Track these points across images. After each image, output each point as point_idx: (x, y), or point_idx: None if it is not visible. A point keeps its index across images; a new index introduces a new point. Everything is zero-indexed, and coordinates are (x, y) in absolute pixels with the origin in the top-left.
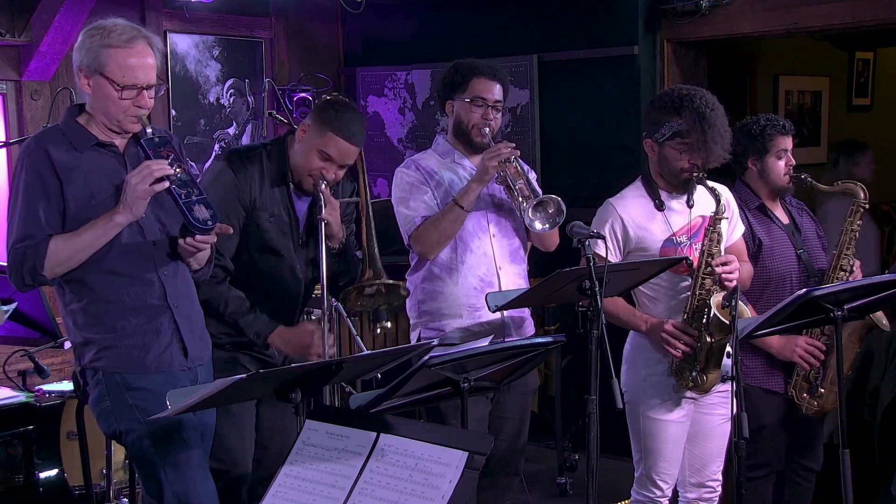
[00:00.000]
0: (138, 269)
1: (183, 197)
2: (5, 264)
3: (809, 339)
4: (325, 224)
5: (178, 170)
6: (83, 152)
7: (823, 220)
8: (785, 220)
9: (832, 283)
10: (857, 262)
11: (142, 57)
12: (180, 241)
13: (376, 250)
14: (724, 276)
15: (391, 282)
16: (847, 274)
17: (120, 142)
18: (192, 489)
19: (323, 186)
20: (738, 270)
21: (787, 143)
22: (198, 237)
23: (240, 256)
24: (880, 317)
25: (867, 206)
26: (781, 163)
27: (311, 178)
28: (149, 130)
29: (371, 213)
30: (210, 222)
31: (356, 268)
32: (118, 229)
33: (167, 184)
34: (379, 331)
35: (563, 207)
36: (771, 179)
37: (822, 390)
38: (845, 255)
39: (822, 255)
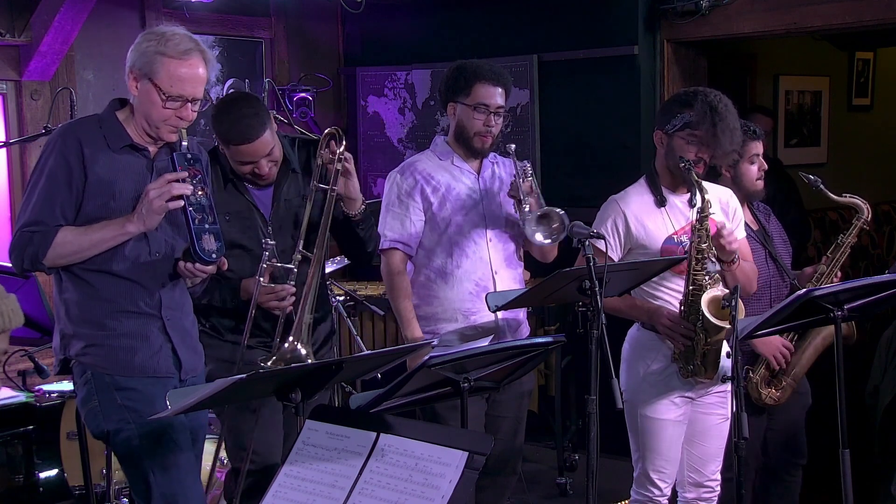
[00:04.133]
0: (139, 277)
1: (196, 222)
2: (6, 265)
3: (783, 339)
4: (339, 190)
5: (199, 193)
6: (115, 151)
7: None
8: (754, 225)
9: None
10: (839, 275)
11: (193, 70)
12: (180, 263)
13: (307, 318)
14: (724, 242)
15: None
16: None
17: (153, 148)
18: (180, 491)
19: (337, 164)
20: (737, 238)
21: (759, 147)
22: (198, 266)
23: None
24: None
25: (868, 226)
26: (754, 168)
27: (257, 178)
28: (184, 144)
29: (321, 274)
30: (214, 255)
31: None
32: (127, 237)
33: (182, 203)
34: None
35: (567, 222)
36: (744, 185)
37: (784, 383)
38: (838, 263)
39: (787, 261)
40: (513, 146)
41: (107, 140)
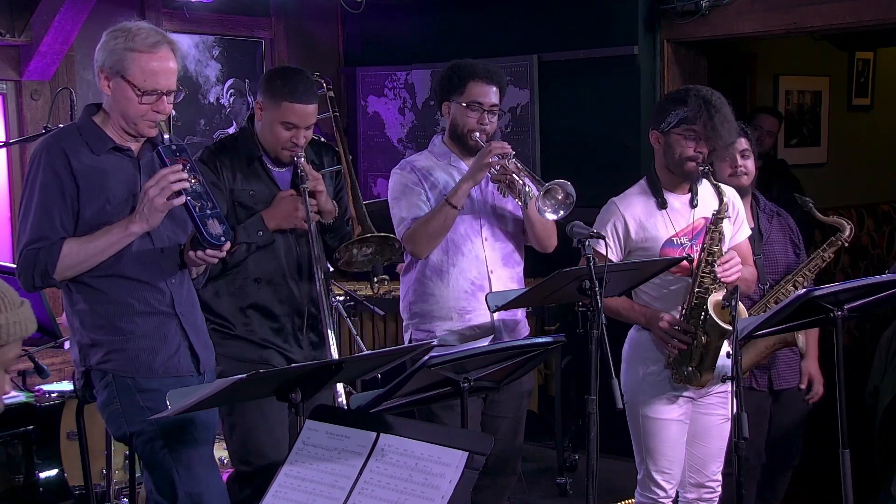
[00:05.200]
0: (147, 275)
1: (197, 210)
2: (6, 265)
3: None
4: (315, 196)
5: (193, 181)
6: (100, 155)
7: None
8: (749, 224)
9: (779, 294)
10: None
11: (164, 62)
12: (189, 253)
13: (364, 208)
14: (720, 274)
15: (383, 234)
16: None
17: (135, 146)
18: (204, 489)
19: (303, 160)
20: (738, 265)
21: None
22: (208, 252)
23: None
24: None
25: (847, 244)
26: (724, 164)
27: (285, 150)
28: (166, 137)
29: (354, 175)
30: (223, 238)
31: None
32: (132, 238)
33: (185, 198)
34: (377, 283)
35: (572, 190)
36: (721, 181)
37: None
38: (805, 275)
39: (787, 261)
40: (476, 134)
41: (89, 146)
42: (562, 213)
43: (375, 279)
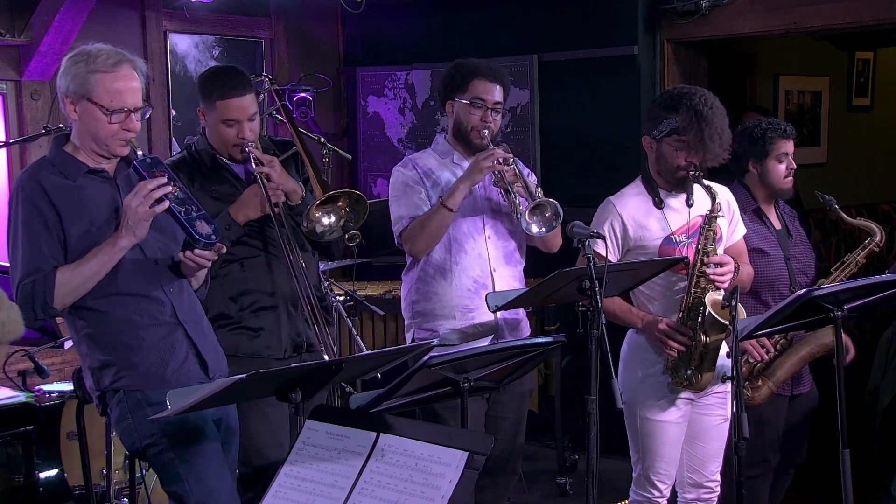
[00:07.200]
0: (145, 288)
1: (183, 214)
2: (6, 264)
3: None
4: (271, 178)
5: (173, 188)
6: (76, 181)
7: None
8: (777, 225)
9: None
10: None
11: (128, 81)
12: (182, 255)
13: (321, 174)
14: (714, 277)
15: (346, 190)
16: None
17: (109, 167)
18: (215, 501)
19: (252, 147)
20: (732, 272)
21: (789, 146)
22: (199, 252)
23: None
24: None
25: (879, 248)
26: (782, 166)
27: (236, 147)
28: (139, 153)
29: (305, 144)
30: (213, 237)
31: None
32: (122, 253)
33: (167, 204)
34: (350, 240)
35: (560, 211)
36: (771, 182)
37: (760, 383)
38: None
39: (810, 263)
40: (486, 132)
41: (64, 174)
42: (544, 229)
43: (346, 235)
